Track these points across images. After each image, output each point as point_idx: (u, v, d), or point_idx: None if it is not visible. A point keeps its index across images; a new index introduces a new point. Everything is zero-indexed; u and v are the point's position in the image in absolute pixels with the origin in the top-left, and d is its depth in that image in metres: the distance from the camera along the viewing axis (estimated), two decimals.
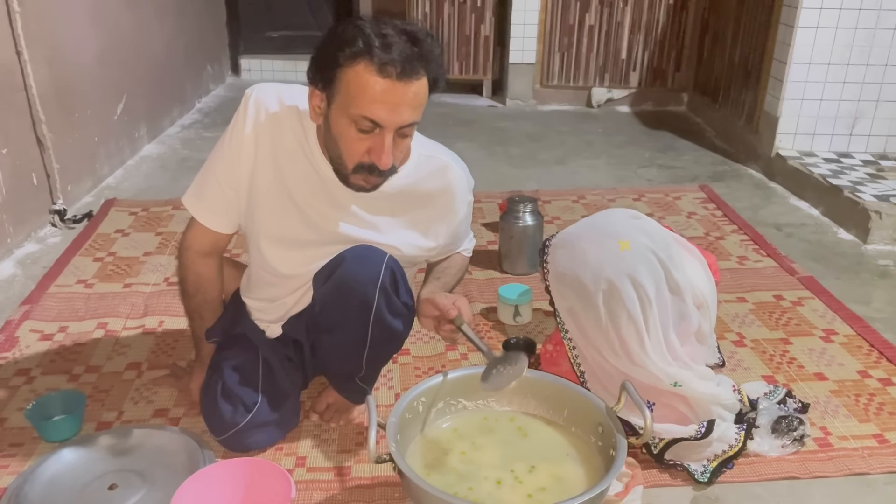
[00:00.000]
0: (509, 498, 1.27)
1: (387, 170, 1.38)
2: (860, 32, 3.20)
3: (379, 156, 1.35)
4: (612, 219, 1.64)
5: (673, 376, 1.53)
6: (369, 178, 1.40)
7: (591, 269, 1.53)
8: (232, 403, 1.56)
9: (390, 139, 1.34)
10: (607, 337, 1.53)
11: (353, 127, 1.33)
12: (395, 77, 1.28)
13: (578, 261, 1.55)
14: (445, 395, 1.44)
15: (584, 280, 1.53)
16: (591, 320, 1.54)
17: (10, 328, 2.08)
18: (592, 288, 1.52)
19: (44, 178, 2.74)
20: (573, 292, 1.56)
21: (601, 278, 1.52)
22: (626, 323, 1.51)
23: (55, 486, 1.48)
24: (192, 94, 4.44)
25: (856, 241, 2.79)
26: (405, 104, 1.31)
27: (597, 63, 4.63)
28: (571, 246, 1.59)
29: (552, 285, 1.61)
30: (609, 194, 3.18)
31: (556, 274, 1.59)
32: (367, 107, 1.30)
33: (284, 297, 1.62)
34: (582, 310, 1.56)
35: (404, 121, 1.33)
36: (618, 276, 1.51)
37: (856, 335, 2.12)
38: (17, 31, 2.51)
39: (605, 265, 1.52)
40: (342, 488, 1.53)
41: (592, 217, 1.69)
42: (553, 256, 1.60)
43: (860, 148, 3.40)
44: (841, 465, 1.61)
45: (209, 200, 1.56)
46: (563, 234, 1.64)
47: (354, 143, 1.35)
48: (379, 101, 1.29)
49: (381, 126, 1.32)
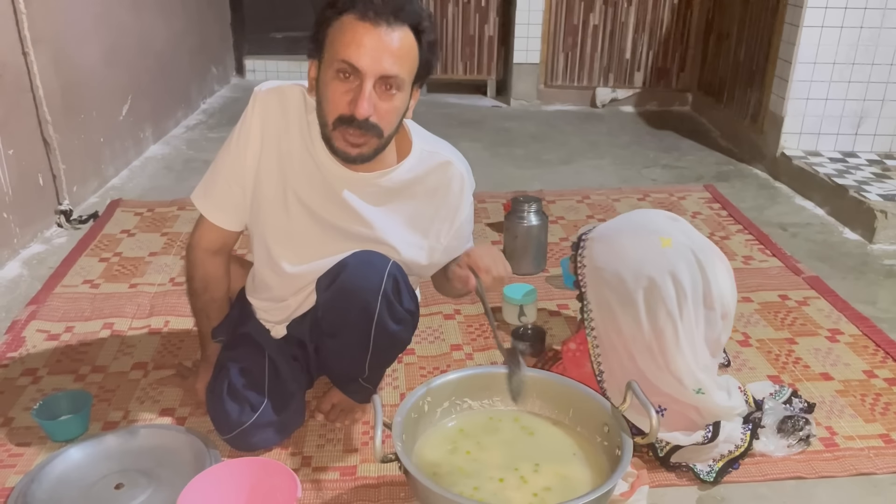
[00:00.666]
0: (514, 497, 1.27)
1: (364, 121, 1.34)
2: (865, 31, 3.19)
3: (358, 103, 1.33)
4: (652, 217, 1.61)
5: (699, 382, 1.50)
6: (347, 134, 1.36)
7: (632, 265, 1.50)
8: (238, 403, 1.56)
9: (369, 86, 1.33)
10: (643, 335, 1.50)
11: (336, 78, 1.34)
12: (374, 19, 1.30)
13: (618, 256, 1.52)
14: (451, 395, 1.44)
15: (625, 275, 1.50)
16: (627, 317, 1.51)
17: (16, 328, 2.08)
18: (633, 284, 1.49)
19: (50, 178, 2.75)
20: (611, 288, 1.52)
21: (642, 275, 1.48)
22: (664, 320, 1.48)
23: (62, 486, 1.49)
24: (197, 95, 4.45)
25: (861, 241, 2.78)
26: (384, 50, 1.31)
27: (601, 63, 4.63)
28: (611, 241, 1.56)
29: (588, 280, 1.56)
30: (614, 194, 3.18)
31: (592, 268, 1.55)
32: (345, 50, 1.31)
33: (289, 297, 1.62)
34: (619, 306, 1.52)
35: (384, 69, 1.32)
36: (659, 273, 1.48)
37: (862, 335, 2.12)
38: (24, 32, 2.52)
39: (647, 261, 1.49)
40: (348, 488, 1.53)
41: (630, 214, 1.66)
42: (590, 251, 1.56)
43: (865, 147, 3.39)
44: (847, 465, 1.61)
45: (217, 198, 1.56)
46: (600, 228, 1.61)
47: (336, 94, 1.35)
48: (358, 44, 1.31)
49: (360, 71, 1.32)
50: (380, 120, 1.37)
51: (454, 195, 1.57)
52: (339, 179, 1.48)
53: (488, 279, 1.41)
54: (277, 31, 5.17)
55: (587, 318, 1.59)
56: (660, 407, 1.53)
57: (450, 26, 4.61)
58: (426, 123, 1.62)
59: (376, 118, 1.36)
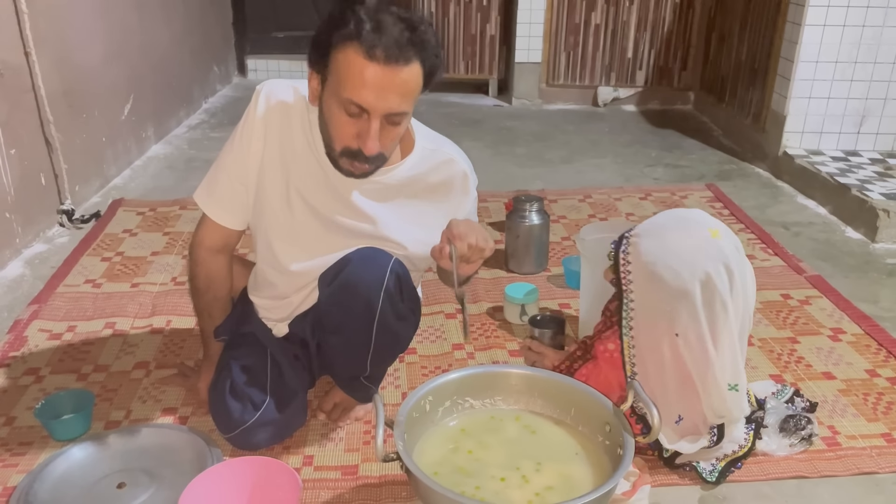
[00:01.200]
0: (516, 496, 1.27)
1: (372, 156, 1.36)
2: (868, 30, 3.18)
3: (364, 141, 1.34)
4: (694, 211, 1.58)
5: (738, 376, 1.49)
6: (355, 163, 1.39)
7: (687, 258, 1.45)
8: (240, 401, 1.56)
9: (377, 125, 1.33)
10: (699, 327, 1.46)
11: (343, 110, 1.33)
12: (383, 61, 1.28)
13: (671, 250, 1.47)
14: (452, 394, 1.44)
15: (680, 269, 1.45)
16: (682, 312, 1.46)
17: (18, 328, 2.09)
18: (689, 276, 1.44)
19: (52, 178, 2.75)
20: (664, 283, 1.46)
21: (698, 267, 1.44)
22: (719, 310, 1.46)
23: (64, 485, 1.49)
24: (199, 94, 4.45)
25: (864, 240, 2.78)
26: (392, 90, 1.30)
27: (603, 62, 4.63)
28: (660, 236, 1.50)
29: (634, 277, 1.50)
30: (615, 193, 3.18)
31: (641, 265, 1.49)
32: (353, 91, 1.30)
33: (290, 295, 1.62)
34: (673, 301, 1.46)
35: (391, 108, 1.32)
36: (714, 265, 1.44)
37: (864, 334, 2.11)
38: (26, 32, 2.53)
39: (701, 253, 1.45)
40: (349, 487, 1.54)
41: (669, 211, 1.62)
42: (636, 248, 1.50)
43: (868, 146, 3.39)
44: (849, 465, 1.61)
45: (220, 196, 1.57)
46: (643, 226, 1.55)
47: (343, 126, 1.35)
48: (365, 86, 1.29)
49: (367, 111, 1.32)
50: (384, 148, 1.39)
51: (457, 192, 1.57)
52: (342, 177, 1.48)
53: (463, 247, 1.37)
54: (279, 31, 5.17)
55: (626, 317, 1.53)
56: (679, 417, 1.52)
57: (451, 25, 4.61)
58: (427, 123, 1.62)
59: (381, 148, 1.38)
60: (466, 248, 1.38)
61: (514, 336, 2.09)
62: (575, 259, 2.43)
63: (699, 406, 1.51)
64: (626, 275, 1.51)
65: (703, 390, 1.49)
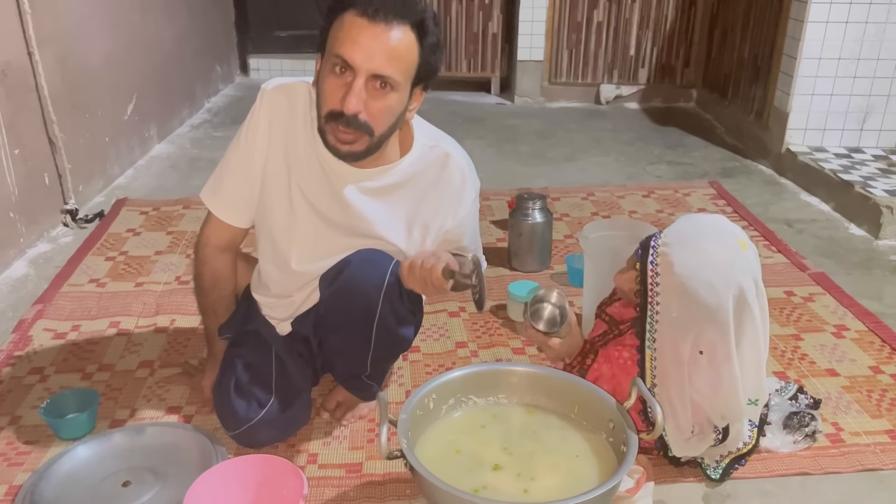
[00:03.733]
0: (520, 493, 1.27)
1: (352, 116, 1.34)
2: (871, 27, 3.18)
3: (347, 98, 1.33)
4: (720, 220, 1.52)
5: (759, 393, 1.47)
6: (338, 130, 1.37)
7: (721, 271, 1.39)
8: (245, 399, 1.57)
9: (360, 82, 1.32)
10: (727, 344, 1.42)
11: (332, 72, 1.35)
12: (370, 16, 1.30)
13: (706, 263, 1.40)
14: (456, 392, 1.45)
15: (716, 283, 1.39)
16: (713, 326, 1.41)
17: (23, 327, 2.09)
18: (724, 291, 1.39)
19: (55, 178, 2.76)
20: (698, 297, 1.39)
21: (732, 281, 1.39)
22: (748, 326, 1.42)
23: (69, 483, 1.50)
24: (202, 93, 4.46)
25: (867, 237, 2.77)
26: (379, 48, 1.31)
27: (605, 60, 4.62)
28: (695, 247, 1.43)
29: (663, 289, 1.43)
30: (618, 191, 3.18)
31: (673, 277, 1.41)
32: (340, 46, 1.32)
33: (293, 293, 1.63)
34: (707, 315, 1.40)
35: (376, 66, 1.32)
36: (745, 278, 1.40)
37: (868, 331, 2.11)
38: (29, 32, 2.53)
39: (734, 267, 1.40)
40: (353, 485, 1.54)
41: (696, 217, 1.54)
42: (668, 258, 1.42)
43: (871, 143, 3.38)
44: (853, 461, 1.61)
45: (225, 195, 1.57)
46: (673, 235, 1.46)
47: (330, 87, 1.35)
48: (352, 40, 1.31)
49: (352, 67, 1.32)
50: (370, 118, 1.36)
51: (455, 188, 1.56)
52: (342, 176, 1.48)
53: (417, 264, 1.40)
54: (281, 30, 5.17)
55: (650, 329, 1.47)
56: (693, 430, 1.51)
57: (453, 24, 4.61)
58: (430, 121, 1.62)
59: (366, 116, 1.35)
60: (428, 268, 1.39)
61: (518, 334, 2.09)
62: (578, 257, 2.43)
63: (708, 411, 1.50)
64: (653, 286, 1.43)
65: (720, 403, 1.46)
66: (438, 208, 1.56)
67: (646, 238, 1.49)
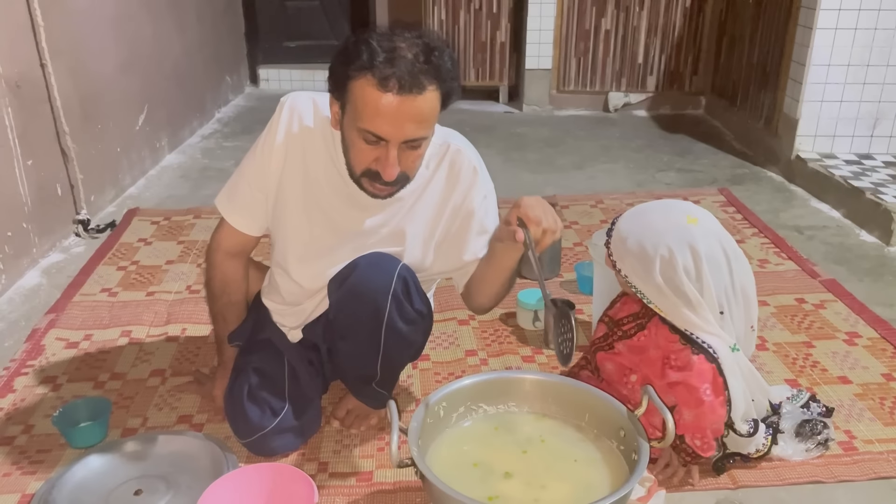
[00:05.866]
0: (531, 502, 1.27)
1: (392, 181, 1.38)
2: (879, 33, 3.17)
3: (384, 167, 1.35)
4: (683, 203, 1.64)
5: (731, 340, 1.53)
6: (376, 185, 1.40)
7: (653, 235, 1.50)
8: (259, 407, 1.57)
9: (395, 153, 1.33)
10: (666, 299, 1.51)
11: (361, 139, 1.34)
12: (396, 92, 1.27)
13: (643, 226, 1.54)
14: (466, 400, 1.45)
15: (645, 244, 1.50)
16: (649, 286, 1.51)
17: (36, 336, 2.11)
18: (651, 252, 1.49)
19: (68, 188, 2.78)
20: (633, 257, 1.53)
21: (662, 244, 1.48)
22: (686, 288, 1.48)
23: (82, 492, 1.50)
24: (212, 104, 4.49)
25: (878, 243, 2.76)
26: (408, 119, 1.30)
27: (613, 67, 4.63)
28: (639, 215, 1.58)
29: (615, 254, 1.57)
30: (627, 198, 3.17)
31: (618, 240, 1.56)
32: (370, 121, 1.30)
33: (303, 302, 1.64)
34: (641, 274, 1.52)
35: (408, 135, 1.32)
36: (678, 244, 1.48)
37: (880, 338, 2.10)
38: (42, 44, 2.56)
39: (669, 233, 1.49)
40: (364, 493, 1.54)
41: (662, 200, 1.67)
42: (618, 226, 1.58)
43: (881, 149, 3.37)
44: (866, 469, 1.60)
45: (238, 202, 1.58)
46: (631, 210, 1.62)
47: (362, 153, 1.36)
48: (381, 116, 1.29)
49: (385, 140, 1.32)
50: (406, 170, 1.39)
51: (464, 182, 1.55)
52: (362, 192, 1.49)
53: (538, 231, 1.34)
54: (291, 41, 5.21)
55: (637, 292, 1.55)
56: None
57: (462, 33, 4.63)
58: None
59: (402, 169, 1.38)
60: (542, 233, 1.35)
61: (527, 342, 2.09)
62: (587, 264, 2.43)
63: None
64: (611, 254, 1.58)
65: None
66: (448, 199, 1.56)
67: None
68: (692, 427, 1.51)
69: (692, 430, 1.51)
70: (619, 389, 1.63)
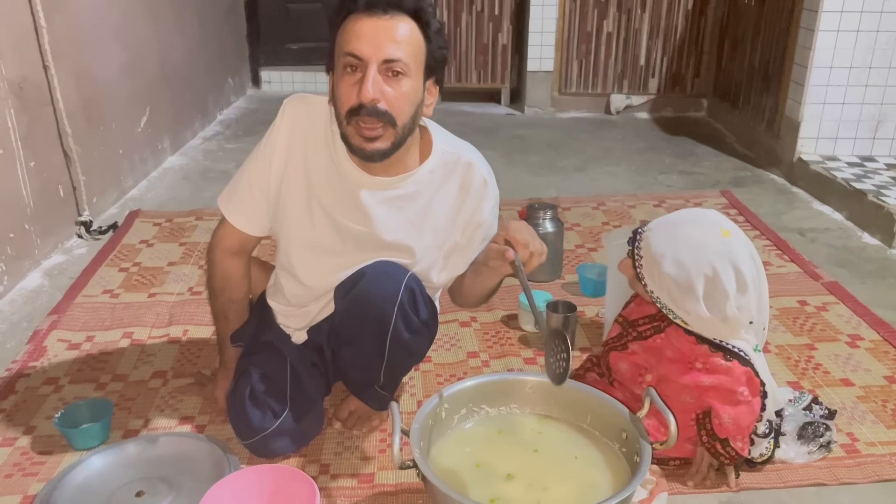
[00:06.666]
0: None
1: (372, 107, 1.34)
2: (882, 35, 3.17)
3: (363, 90, 1.34)
4: (708, 212, 1.59)
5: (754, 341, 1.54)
6: (361, 125, 1.37)
7: (693, 251, 1.47)
8: (260, 408, 1.57)
9: (373, 70, 1.34)
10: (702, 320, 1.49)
11: (345, 73, 1.37)
12: (374, 12, 1.34)
13: (679, 242, 1.49)
14: (468, 402, 1.45)
15: (686, 261, 1.47)
16: (688, 303, 1.48)
17: (38, 338, 2.11)
18: (694, 270, 1.46)
19: (70, 190, 2.78)
20: (670, 280, 1.48)
21: (704, 261, 1.46)
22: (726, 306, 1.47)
23: (83, 493, 1.50)
24: (214, 106, 4.49)
25: (881, 246, 2.76)
26: (385, 36, 1.34)
27: (615, 70, 4.63)
28: (671, 229, 1.53)
29: (645, 271, 1.53)
30: (629, 200, 3.18)
31: (649, 256, 1.51)
32: (348, 43, 1.35)
33: (309, 303, 1.64)
34: (678, 297, 1.49)
35: (386, 53, 1.34)
36: (721, 261, 1.46)
37: (882, 340, 2.10)
38: (44, 46, 2.57)
39: (708, 248, 1.47)
40: (366, 495, 1.54)
41: (684, 210, 1.64)
42: (647, 240, 1.53)
43: (884, 152, 3.37)
44: (869, 472, 1.60)
45: (239, 201, 1.59)
46: (656, 220, 1.58)
47: (346, 88, 1.37)
48: (358, 35, 1.34)
49: (363, 59, 1.34)
50: (390, 106, 1.37)
51: (474, 197, 1.56)
52: (362, 186, 1.49)
53: (525, 253, 1.38)
54: (293, 43, 5.21)
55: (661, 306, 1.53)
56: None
57: (463, 35, 4.63)
58: None
59: (385, 104, 1.36)
60: (528, 255, 1.39)
61: (529, 344, 2.09)
62: (589, 266, 2.43)
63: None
64: (639, 269, 1.54)
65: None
66: (459, 215, 1.57)
67: (638, 226, 1.59)
68: (733, 429, 1.51)
69: (734, 432, 1.51)
70: (633, 389, 1.63)
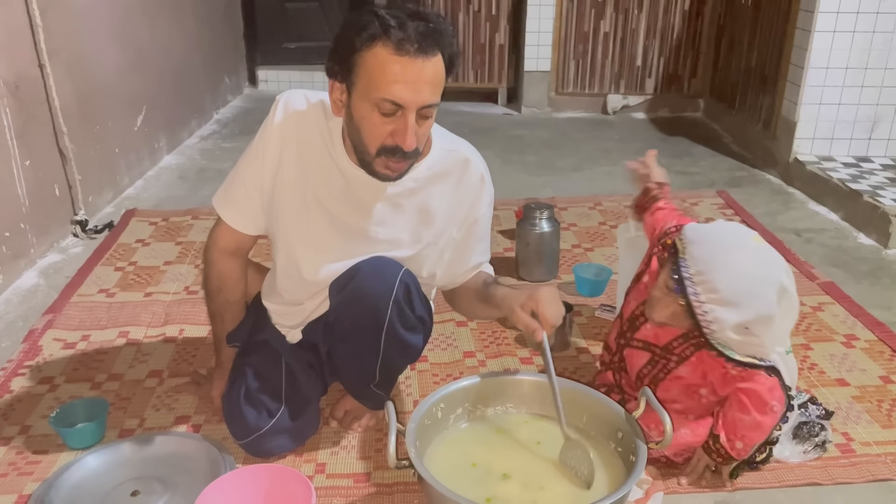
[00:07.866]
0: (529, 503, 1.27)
1: (410, 151, 1.36)
2: (878, 36, 3.18)
3: (403, 137, 1.33)
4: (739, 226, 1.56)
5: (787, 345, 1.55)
6: (391, 162, 1.38)
7: (761, 279, 1.41)
8: (255, 408, 1.57)
9: (413, 119, 1.32)
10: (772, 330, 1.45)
11: (376, 111, 1.32)
12: (413, 54, 1.27)
13: (743, 275, 1.40)
14: (464, 402, 1.45)
15: (762, 292, 1.40)
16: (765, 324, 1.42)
17: (33, 337, 2.11)
18: (770, 294, 1.40)
19: (66, 189, 2.78)
20: (746, 312, 1.39)
21: (773, 280, 1.41)
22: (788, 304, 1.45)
23: (79, 493, 1.50)
24: (211, 105, 4.49)
25: (876, 246, 2.76)
26: (424, 82, 1.30)
27: (612, 70, 4.63)
28: (726, 265, 1.41)
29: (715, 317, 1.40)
30: (626, 200, 3.17)
31: (718, 300, 1.39)
32: (387, 88, 1.29)
33: (304, 301, 1.63)
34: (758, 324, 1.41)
35: (425, 100, 1.32)
36: (778, 270, 1.44)
37: (878, 340, 2.10)
38: (40, 45, 2.56)
39: (767, 265, 1.43)
40: (362, 494, 1.54)
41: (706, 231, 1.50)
42: (711, 286, 1.40)
43: (879, 152, 3.37)
44: (864, 471, 1.60)
45: (234, 201, 1.59)
46: (701, 259, 1.42)
47: (377, 127, 1.34)
48: (399, 81, 1.28)
49: (402, 107, 1.31)
50: (419, 143, 1.38)
51: (472, 193, 1.56)
52: (360, 182, 1.49)
53: (550, 332, 1.34)
54: (290, 42, 5.21)
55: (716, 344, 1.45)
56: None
57: (461, 35, 4.63)
58: None
59: (417, 143, 1.37)
60: (550, 331, 1.35)
61: (525, 344, 2.09)
62: (585, 266, 2.43)
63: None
64: (703, 315, 1.41)
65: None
66: (456, 211, 1.56)
67: (669, 271, 1.46)
68: (750, 433, 1.49)
69: (745, 435, 1.50)
70: (694, 408, 1.58)
